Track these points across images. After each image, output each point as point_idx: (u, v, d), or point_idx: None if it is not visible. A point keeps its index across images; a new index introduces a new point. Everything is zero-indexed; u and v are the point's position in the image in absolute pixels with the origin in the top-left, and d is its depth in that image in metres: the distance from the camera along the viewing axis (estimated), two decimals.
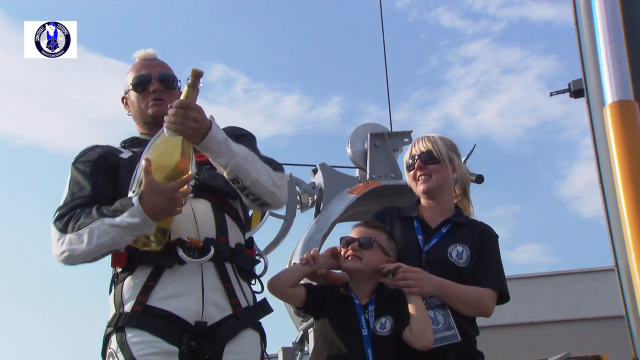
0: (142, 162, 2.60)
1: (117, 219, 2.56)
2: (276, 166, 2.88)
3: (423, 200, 3.36)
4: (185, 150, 2.63)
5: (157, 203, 2.52)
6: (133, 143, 2.99)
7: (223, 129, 2.90)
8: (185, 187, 2.59)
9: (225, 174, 2.73)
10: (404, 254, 3.13)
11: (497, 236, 3.29)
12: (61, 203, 2.79)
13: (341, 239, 3.13)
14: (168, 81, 3.01)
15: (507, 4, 34.84)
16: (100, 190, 2.80)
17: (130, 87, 3.02)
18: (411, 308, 2.93)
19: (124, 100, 3.10)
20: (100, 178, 2.83)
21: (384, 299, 3.02)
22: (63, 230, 2.68)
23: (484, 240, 3.22)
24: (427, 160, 3.27)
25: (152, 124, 2.98)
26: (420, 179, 3.28)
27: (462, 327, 3.04)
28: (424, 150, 3.30)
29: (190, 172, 2.63)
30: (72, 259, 2.68)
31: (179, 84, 3.04)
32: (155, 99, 2.97)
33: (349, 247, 3.05)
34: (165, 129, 2.63)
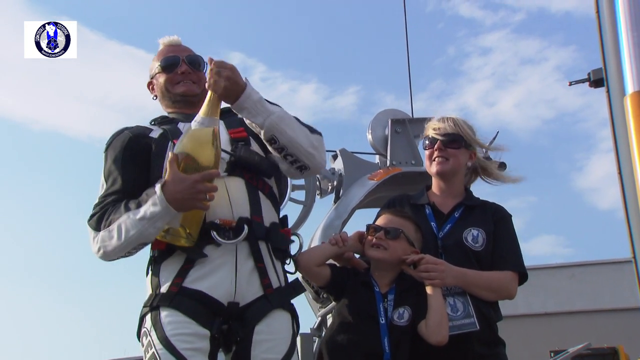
0: (169, 154, 2.65)
1: (142, 210, 2.63)
2: (313, 130, 2.91)
3: (434, 185, 3.35)
4: (214, 144, 2.65)
5: (179, 192, 2.56)
6: (163, 121, 3.04)
7: None
8: (212, 183, 2.62)
9: (262, 135, 2.77)
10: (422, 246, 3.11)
11: (511, 215, 3.28)
12: (96, 200, 2.86)
13: (368, 225, 3.10)
14: (195, 63, 3.08)
15: None
16: (132, 179, 2.85)
17: (159, 69, 3.08)
18: (430, 302, 2.92)
19: (150, 86, 3.17)
20: (132, 163, 2.88)
21: (404, 288, 3.02)
22: (96, 228, 2.76)
23: (497, 221, 3.21)
24: (449, 143, 3.25)
25: (181, 102, 3.05)
26: (436, 159, 3.27)
27: (484, 312, 3.04)
28: (449, 132, 3.27)
29: (217, 169, 2.65)
30: (107, 255, 2.77)
31: (206, 66, 3.06)
32: (184, 80, 3.04)
33: (375, 236, 3.04)
34: (193, 122, 2.68)
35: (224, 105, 2.78)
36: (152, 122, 3.05)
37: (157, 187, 2.60)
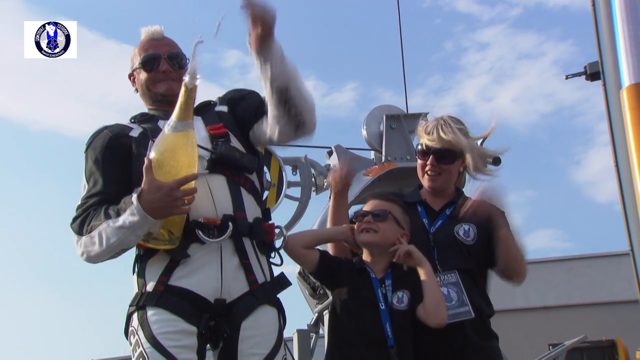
0: (145, 160, 2.60)
1: (120, 219, 2.60)
2: None
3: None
4: (189, 147, 2.62)
5: (155, 200, 2.53)
6: (143, 118, 2.99)
7: (225, 94, 3.03)
8: (190, 185, 2.59)
9: (273, 84, 2.73)
10: (414, 241, 3.09)
11: (503, 212, 3.22)
12: (79, 202, 2.83)
13: (355, 212, 3.12)
14: (177, 59, 3.00)
15: None
16: (113, 179, 2.83)
17: (139, 65, 3.01)
18: (424, 285, 2.91)
19: (131, 77, 3.10)
20: (113, 164, 2.85)
21: (400, 273, 3.02)
22: (79, 232, 2.74)
23: (489, 217, 3.17)
24: (442, 158, 3.22)
25: (162, 101, 2.98)
26: (428, 173, 3.25)
27: (476, 304, 3.05)
28: (443, 146, 3.20)
29: (194, 171, 2.61)
30: (91, 259, 2.75)
31: (187, 61, 3.00)
32: (165, 79, 2.97)
33: (364, 220, 3.03)
34: (167, 125, 2.61)
35: (201, 100, 2.77)
36: (132, 120, 3.01)
37: (134, 196, 2.57)
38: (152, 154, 2.60)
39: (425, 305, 2.89)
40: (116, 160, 2.84)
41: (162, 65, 2.97)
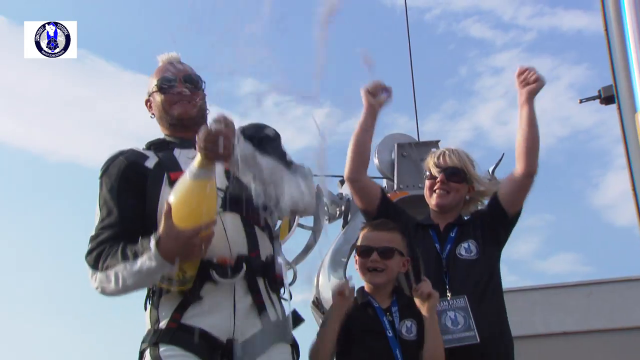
0: (164, 206, 2.58)
1: (138, 263, 2.59)
2: (303, 174, 2.86)
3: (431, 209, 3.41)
4: (211, 195, 2.58)
5: (174, 247, 2.52)
6: (159, 146, 2.98)
7: (248, 126, 2.94)
8: (208, 231, 2.55)
9: (252, 186, 2.69)
10: (427, 265, 3.13)
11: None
12: (92, 232, 2.81)
13: (357, 248, 3.09)
14: (193, 81, 3.00)
15: (538, 14, 34.65)
16: (128, 210, 2.81)
17: (155, 88, 3.01)
18: (427, 334, 2.91)
19: (148, 103, 3.09)
20: (128, 194, 2.83)
21: (406, 302, 3.02)
22: (94, 266, 2.73)
23: (487, 208, 3.33)
24: (452, 176, 3.29)
25: (177, 125, 2.97)
26: (437, 191, 3.31)
27: (484, 329, 3.04)
28: (451, 165, 3.30)
29: (214, 217, 2.58)
30: (106, 294, 2.74)
31: (203, 84, 3.03)
32: (181, 100, 2.95)
33: (370, 259, 3.01)
34: (188, 170, 2.56)
35: None
36: (148, 146, 3.00)
37: (152, 243, 2.55)
38: (171, 198, 2.57)
39: (425, 350, 2.89)
40: (131, 190, 2.83)
41: (177, 87, 2.95)
